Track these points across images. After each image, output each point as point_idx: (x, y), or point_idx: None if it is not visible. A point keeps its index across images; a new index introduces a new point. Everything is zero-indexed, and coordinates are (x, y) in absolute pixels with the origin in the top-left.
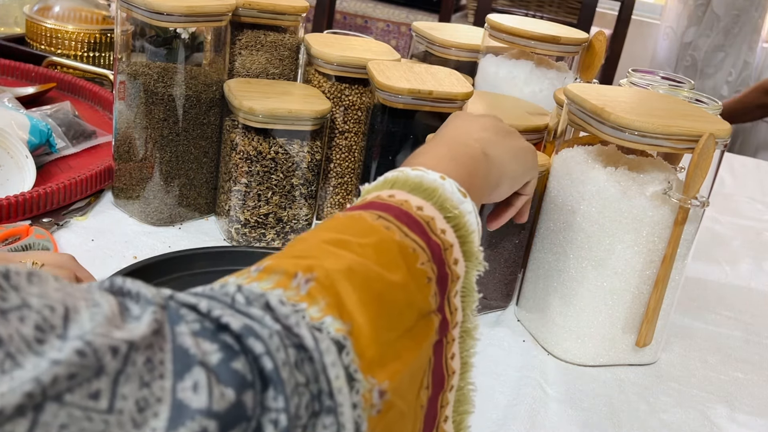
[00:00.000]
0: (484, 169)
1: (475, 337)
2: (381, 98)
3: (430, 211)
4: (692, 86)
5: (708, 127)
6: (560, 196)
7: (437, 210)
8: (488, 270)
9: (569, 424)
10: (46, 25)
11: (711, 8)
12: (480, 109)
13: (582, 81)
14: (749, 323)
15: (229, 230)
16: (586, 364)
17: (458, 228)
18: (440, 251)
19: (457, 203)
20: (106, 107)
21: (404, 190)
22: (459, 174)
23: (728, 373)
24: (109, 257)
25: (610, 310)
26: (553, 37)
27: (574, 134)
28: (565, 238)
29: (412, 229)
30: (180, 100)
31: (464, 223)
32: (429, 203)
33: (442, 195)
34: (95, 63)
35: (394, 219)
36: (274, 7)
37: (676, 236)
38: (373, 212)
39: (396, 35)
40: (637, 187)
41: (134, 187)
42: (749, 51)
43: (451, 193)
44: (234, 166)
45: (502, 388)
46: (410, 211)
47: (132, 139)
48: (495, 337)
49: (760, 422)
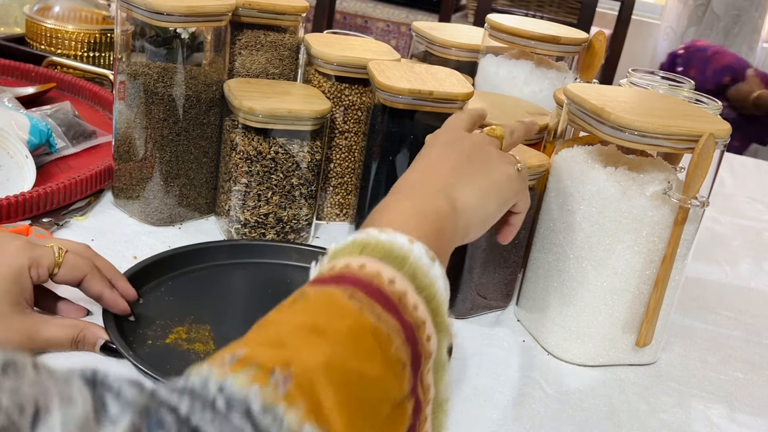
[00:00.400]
0: (451, 224)
1: (446, 411)
2: (381, 98)
3: (402, 284)
4: (692, 86)
5: (708, 127)
6: (560, 196)
7: (409, 281)
8: (488, 270)
9: (569, 424)
10: (46, 25)
11: (711, 8)
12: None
13: (582, 81)
14: (749, 323)
15: (229, 230)
16: (586, 364)
17: (429, 299)
18: (413, 331)
19: (427, 269)
20: (106, 107)
21: (375, 258)
22: (426, 234)
23: (728, 373)
24: (109, 257)
25: (609, 310)
26: (553, 37)
27: (574, 134)
28: (565, 238)
29: (386, 308)
30: (180, 100)
31: (435, 293)
32: (400, 273)
33: (413, 263)
34: (95, 63)
35: (368, 298)
36: (274, 7)
37: (676, 236)
38: (346, 289)
39: (396, 35)
40: (637, 187)
41: (134, 187)
42: (749, 51)
43: (419, 258)
44: (234, 166)
45: (502, 388)
46: (382, 287)
47: (132, 139)
48: (495, 337)
49: (760, 422)
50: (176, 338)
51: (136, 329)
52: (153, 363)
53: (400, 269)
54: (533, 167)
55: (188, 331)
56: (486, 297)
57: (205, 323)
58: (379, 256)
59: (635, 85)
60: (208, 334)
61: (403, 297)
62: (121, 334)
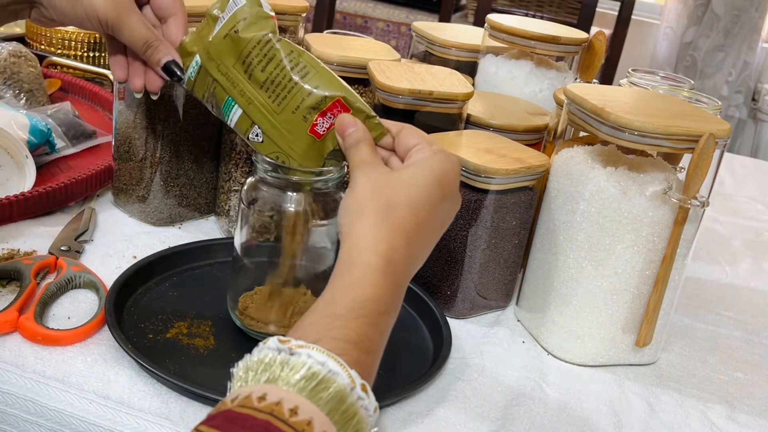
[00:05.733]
0: (385, 325)
1: None
2: (381, 98)
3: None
4: (692, 86)
5: (708, 127)
6: (560, 196)
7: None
8: (488, 270)
9: (569, 424)
10: None
11: (711, 8)
12: (479, 110)
13: (582, 81)
14: (749, 323)
15: (229, 230)
16: (586, 364)
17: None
18: None
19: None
20: (106, 107)
21: (317, 406)
22: (361, 362)
23: (728, 373)
24: (109, 257)
25: (610, 310)
26: (553, 37)
27: (574, 134)
28: (564, 238)
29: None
30: (180, 100)
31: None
32: (335, 429)
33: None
34: (95, 63)
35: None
36: (273, 7)
37: (676, 236)
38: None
39: (396, 35)
40: (637, 187)
41: (134, 187)
42: (749, 51)
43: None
44: (234, 166)
45: (501, 388)
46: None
47: (132, 139)
48: (495, 337)
49: (760, 422)
50: (177, 333)
51: (138, 323)
52: (153, 357)
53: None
54: (533, 167)
55: (189, 326)
56: (486, 297)
57: (206, 319)
58: (324, 407)
59: (635, 85)
60: (208, 330)
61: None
62: (121, 326)
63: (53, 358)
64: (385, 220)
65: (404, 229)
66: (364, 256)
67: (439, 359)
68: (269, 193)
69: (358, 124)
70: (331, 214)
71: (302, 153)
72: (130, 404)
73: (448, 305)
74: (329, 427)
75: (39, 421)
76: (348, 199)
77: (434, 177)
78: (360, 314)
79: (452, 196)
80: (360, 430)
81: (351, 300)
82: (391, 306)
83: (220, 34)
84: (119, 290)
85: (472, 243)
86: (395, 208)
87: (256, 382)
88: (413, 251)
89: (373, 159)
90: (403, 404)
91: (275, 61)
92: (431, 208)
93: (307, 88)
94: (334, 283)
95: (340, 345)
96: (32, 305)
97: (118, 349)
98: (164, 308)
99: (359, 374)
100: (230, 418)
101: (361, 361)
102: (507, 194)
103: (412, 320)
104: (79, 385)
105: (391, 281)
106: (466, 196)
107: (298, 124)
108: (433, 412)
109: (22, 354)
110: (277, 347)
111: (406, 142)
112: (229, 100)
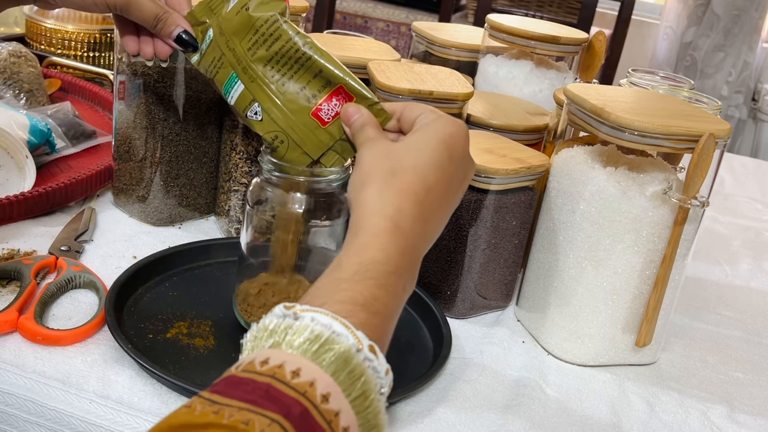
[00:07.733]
0: (395, 287)
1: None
2: (381, 98)
3: (337, 402)
4: (692, 86)
5: (708, 127)
6: (560, 196)
7: (345, 398)
8: (488, 270)
9: (569, 424)
10: (46, 25)
11: (711, 8)
12: (479, 110)
13: (582, 81)
14: (749, 323)
15: (229, 230)
16: (586, 364)
17: (362, 411)
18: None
19: (374, 387)
20: (106, 107)
21: (320, 367)
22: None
23: (728, 373)
24: (109, 257)
25: (609, 310)
26: (553, 37)
27: (574, 134)
28: (564, 238)
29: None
30: (180, 100)
31: (373, 410)
32: (339, 390)
33: (366, 381)
34: (95, 63)
35: (293, 429)
36: None
37: (675, 236)
38: (267, 416)
39: (396, 35)
40: (637, 187)
41: (134, 187)
42: (749, 51)
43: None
44: (234, 166)
45: (501, 388)
46: (312, 410)
47: (132, 139)
48: (495, 337)
49: (760, 422)
50: (177, 333)
51: (137, 323)
52: (153, 357)
53: (346, 387)
54: (533, 167)
55: (189, 326)
56: (486, 297)
57: (206, 319)
58: (330, 370)
59: (635, 85)
60: (208, 330)
61: (334, 421)
62: (121, 327)
63: (53, 358)
64: (390, 185)
65: (412, 191)
66: (370, 220)
67: (439, 359)
68: (274, 194)
69: (362, 110)
70: (335, 215)
71: (302, 134)
72: (130, 404)
73: (448, 305)
74: (333, 387)
75: (39, 421)
76: (354, 174)
77: (440, 139)
78: (366, 276)
79: (460, 158)
80: (367, 391)
81: (357, 263)
82: (403, 268)
83: (233, 10)
84: (119, 290)
85: (472, 243)
86: (401, 172)
87: (261, 349)
88: (424, 215)
89: (377, 135)
90: (403, 404)
91: (282, 40)
92: (439, 171)
93: (318, 62)
94: (342, 251)
95: (345, 307)
96: (32, 305)
97: (118, 349)
98: (164, 308)
99: (367, 336)
100: (232, 383)
101: (369, 322)
102: (507, 194)
103: (412, 320)
104: (79, 385)
105: (401, 243)
106: (466, 196)
107: (302, 103)
108: (433, 412)
109: (22, 354)
110: (282, 313)
111: (409, 116)
112: (233, 76)
